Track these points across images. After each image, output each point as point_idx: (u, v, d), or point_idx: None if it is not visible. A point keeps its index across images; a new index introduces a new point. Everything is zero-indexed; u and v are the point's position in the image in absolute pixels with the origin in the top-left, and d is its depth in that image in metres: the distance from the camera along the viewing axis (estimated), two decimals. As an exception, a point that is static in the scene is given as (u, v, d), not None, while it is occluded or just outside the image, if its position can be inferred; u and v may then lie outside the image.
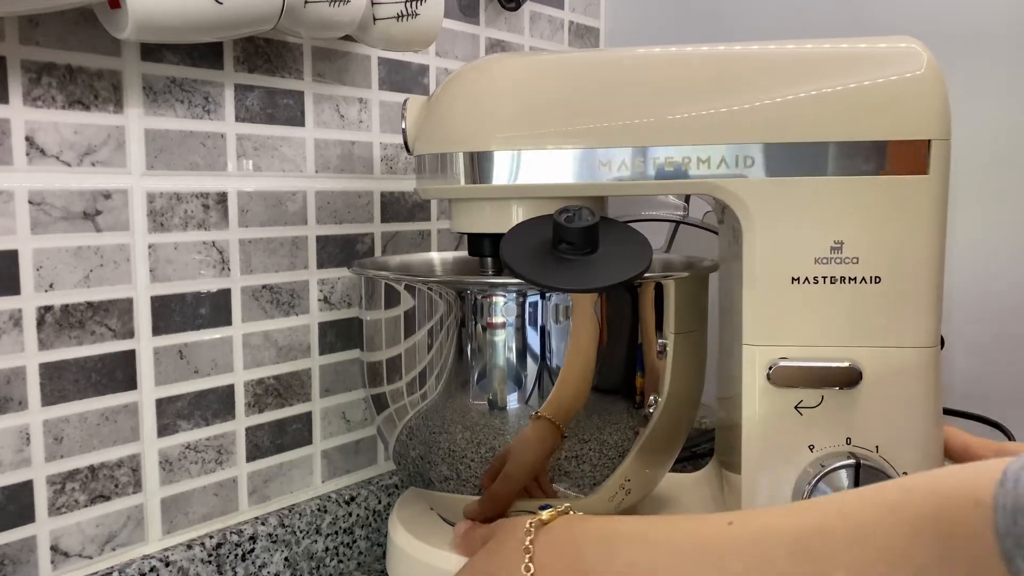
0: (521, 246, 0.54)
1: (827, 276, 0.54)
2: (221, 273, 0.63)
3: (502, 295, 0.55)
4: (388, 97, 0.75)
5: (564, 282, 0.52)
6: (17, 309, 0.53)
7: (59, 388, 0.55)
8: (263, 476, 0.68)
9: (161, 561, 0.59)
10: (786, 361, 0.54)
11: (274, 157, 0.66)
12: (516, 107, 0.56)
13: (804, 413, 0.55)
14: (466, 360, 0.56)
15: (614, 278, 0.52)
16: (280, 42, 0.66)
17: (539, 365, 0.55)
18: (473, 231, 0.61)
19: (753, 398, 0.55)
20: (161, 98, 0.59)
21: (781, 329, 0.55)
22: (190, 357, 0.62)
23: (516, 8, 0.86)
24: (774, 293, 0.54)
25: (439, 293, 0.56)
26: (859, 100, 0.52)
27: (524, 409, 0.55)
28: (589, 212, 0.53)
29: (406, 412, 0.59)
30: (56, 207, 0.54)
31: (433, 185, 0.60)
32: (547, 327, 0.55)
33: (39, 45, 0.53)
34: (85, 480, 0.57)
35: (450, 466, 0.58)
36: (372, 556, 0.74)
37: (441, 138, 0.58)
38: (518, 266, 0.52)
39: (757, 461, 0.55)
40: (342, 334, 0.72)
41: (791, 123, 0.53)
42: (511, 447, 0.56)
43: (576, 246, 0.53)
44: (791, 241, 0.54)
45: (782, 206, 0.54)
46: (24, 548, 0.54)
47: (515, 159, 0.56)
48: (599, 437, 0.56)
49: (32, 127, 0.53)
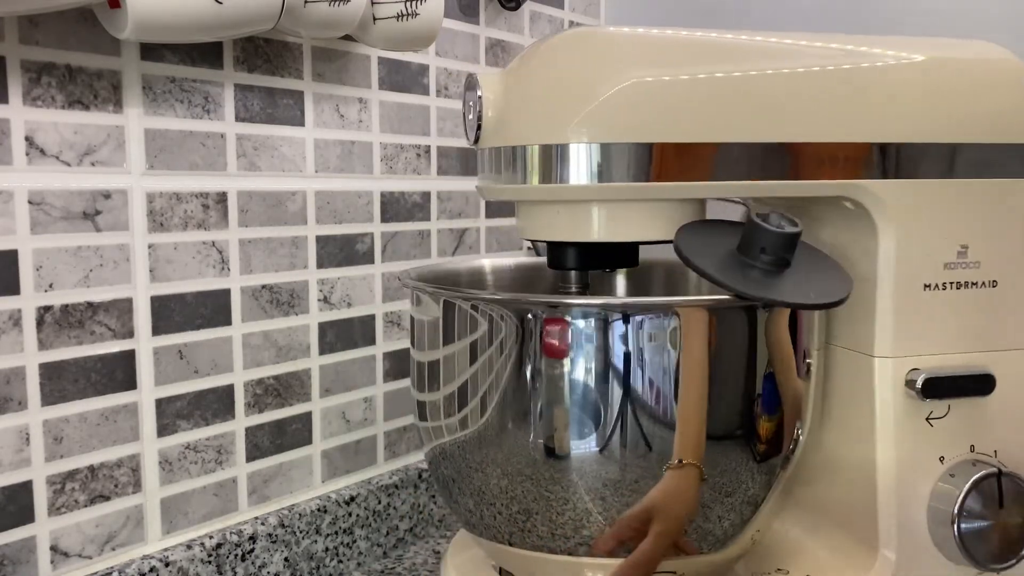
0: (703, 253, 0.48)
1: (954, 282, 0.53)
2: (221, 273, 0.63)
3: (596, 317, 0.47)
4: (388, 97, 0.75)
5: (789, 295, 0.45)
6: (17, 309, 0.53)
7: (59, 388, 0.55)
8: (263, 476, 0.67)
9: (161, 561, 0.59)
10: (925, 372, 0.52)
11: (274, 157, 0.66)
12: (645, 91, 0.49)
13: (935, 424, 0.53)
14: (554, 395, 0.48)
15: (836, 293, 0.47)
16: (280, 42, 0.66)
17: (631, 402, 0.47)
18: (572, 239, 0.52)
19: (888, 413, 0.53)
20: (161, 98, 0.59)
21: (915, 339, 0.53)
22: (190, 357, 0.62)
23: (516, 8, 0.86)
24: (908, 301, 0.53)
25: (501, 315, 0.49)
26: (991, 105, 0.53)
27: (646, 455, 0.47)
28: (785, 218, 0.47)
29: (468, 450, 0.51)
30: (56, 207, 0.54)
31: (512, 183, 0.51)
32: (646, 355, 0.47)
33: (39, 45, 0.53)
34: (85, 480, 0.57)
35: (531, 520, 0.50)
36: (372, 556, 0.74)
37: (540, 124, 0.49)
38: (725, 277, 0.45)
39: (894, 479, 0.53)
40: (342, 334, 0.72)
41: (927, 123, 0.52)
42: (655, 502, 0.48)
43: (774, 256, 0.47)
44: (924, 246, 0.53)
45: (917, 209, 0.53)
46: (24, 548, 0.54)
47: (637, 152, 0.48)
48: (735, 480, 0.50)
49: (32, 127, 0.53)
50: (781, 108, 0.50)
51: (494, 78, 0.52)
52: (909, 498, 0.53)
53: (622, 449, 0.48)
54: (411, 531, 0.77)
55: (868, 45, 0.53)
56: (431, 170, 0.79)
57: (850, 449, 0.55)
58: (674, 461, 0.48)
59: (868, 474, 0.54)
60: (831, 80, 0.51)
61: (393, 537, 0.76)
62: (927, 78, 0.53)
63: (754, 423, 0.50)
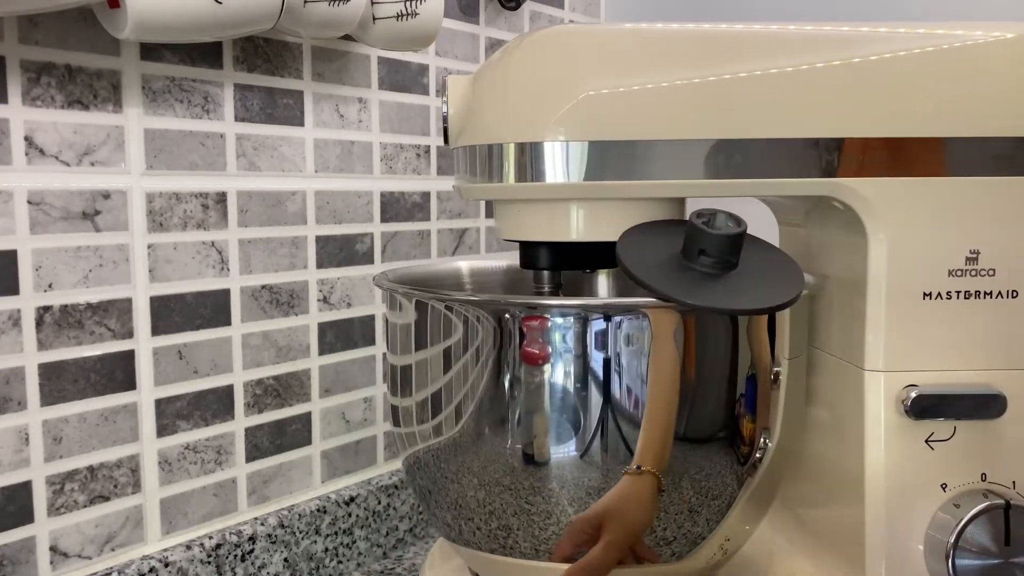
0: (641, 255, 0.45)
1: (961, 291, 0.48)
2: (220, 273, 0.63)
3: (566, 317, 0.46)
4: (388, 97, 0.75)
5: (719, 301, 0.43)
6: (16, 309, 0.53)
7: (58, 388, 0.55)
8: (262, 476, 0.67)
9: (160, 562, 0.59)
10: (919, 389, 0.48)
11: (273, 157, 0.66)
12: (617, 84, 0.47)
13: (935, 447, 0.48)
14: (525, 398, 0.46)
15: (777, 298, 0.44)
16: (280, 42, 0.66)
17: (607, 407, 0.46)
18: (546, 238, 0.51)
19: (878, 432, 0.49)
20: (160, 98, 0.59)
21: (912, 352, 0.49)
22: (189, 357, 0.62)
23: (516, 8, 0.86)
24: (904, 311, 0.48)
25: (477, 316, 0.47)
26: (1003, 91, 0.47)
27: (605, 461, 0.46)
28: (731, 218, 0.44)
29: (444, 459, 0.50)
30: (55, 207, 0.54)
31: (486, 184, 0.49)
32: (621, 358, 0.46)
33: (38, 45, 0.53)
34: (84, 480, 0.57)
35: (506, 524, 0.49)
36: (371, 557, 0.74)
37: (509, 123, 0.48)
38: (652, 280, 0.43)
39: (883, 504, 0.48)
40: (341, 334, 0.72)
41: (923, 115, 0.47)
42: (608, 508, 0.46)
43: (716, 258, 0.44)
44: (923, 252, 0.48)
45: (913, 211, 0.48)
46: (23, 549, 0.54)
47: (605, 151, 0.46)
48: (698, 489, 0.47)
49: (31, 127, 0.53)
50: (761, 104, 0.47)
51: (462, 79, 0.52)
52: (903, 526, 0.49)
53: (603, 454, 0.46)
54: (411, 531, 0.77)
55: (858, 32, 0.49)
56: (431, 170, 0.79)
57: (840, 463, 0.52)
58: (632, 467, 0.46)
59: (857, 493, 0.50)
60: (816, 73, 0.48)
61: (393, 538, 0.76)
62: (956, 65, 0.48)
63: (722, 430, 0.48)
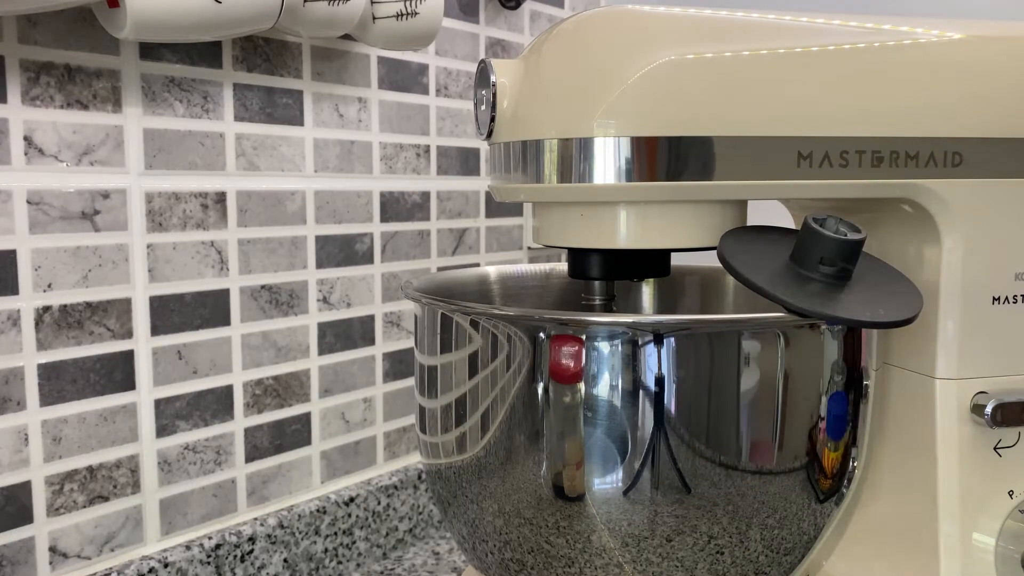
0: (755, 263, 0.42)
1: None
2: (220, 273, 0.63)
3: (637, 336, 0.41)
4: (387, 96, 0.74)
5: (858, 313, 0.40)
6: (15, 309, 0.53)
7: (57, 388, 0.55)
8: (262, 477, 0.67)
9: (160, 562, 0.59)
10: (996, 397, 0.47)
11: (273, 156, 0.66)
12: (682, 72, 0.43)
13: (1003, 454, 0.48)
14: (558, 421, 0.43)
15: (908, 308, 0.41)
16: (279, 41, 0.66)
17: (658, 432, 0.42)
18: (604, 246, 0.47)
19: (951, 441, 0.47)
20: (160, 97, 0.59)
21: (982, 359, 0.48)
22: (189, 357, 0.62)
23: (516, 7, 0.86)
24: (975, 317, 0.47)
25: (507, 334, 0.44)
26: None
27: (655, 497, 0.42)
28: (842, 222, 0.42)
29: (466, 478, 0.47)
30: (54, 207, 0.54)
31: (527, 183, 0.46)
32: (689, 382, 0.42)
33: (38, 44, 0.53)
34: (84, 481, 0.57)
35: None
36: (371, 557, 0.74)
37: (559, 115, 0.44)
38: (781, 292, 0.40)
39: (958, 516, 0.47)
40: (341, 334, 0.72)
41: (1005, 115, 0.46)
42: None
43: (837, 266, 0.41)
44: (995, 256, 0.47)
45: (987, 213, 0.47)
46: (23, 549, 0.54)
47: (673, 148, 0.43)
48: (783, 521, 0.45)
49: (31, 126, 0.53)
50: (845, 102, 0.44)
51: (510, 64, 0.47)
52: (976, 535, 0.48)
53: (653, 491, 0.42)
54: (411, 532, 0.77)
55: (924, 26, 0.47)
56: (431, 170, 0.79)
57: (909, 476, 0.50)
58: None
59: (929, 506, 0.48)
60: (894, 63, 0.45)
61: (393, 538, 0.76)
62: (1001, 65, 0.46)
63: (815, 456, 0.45)
